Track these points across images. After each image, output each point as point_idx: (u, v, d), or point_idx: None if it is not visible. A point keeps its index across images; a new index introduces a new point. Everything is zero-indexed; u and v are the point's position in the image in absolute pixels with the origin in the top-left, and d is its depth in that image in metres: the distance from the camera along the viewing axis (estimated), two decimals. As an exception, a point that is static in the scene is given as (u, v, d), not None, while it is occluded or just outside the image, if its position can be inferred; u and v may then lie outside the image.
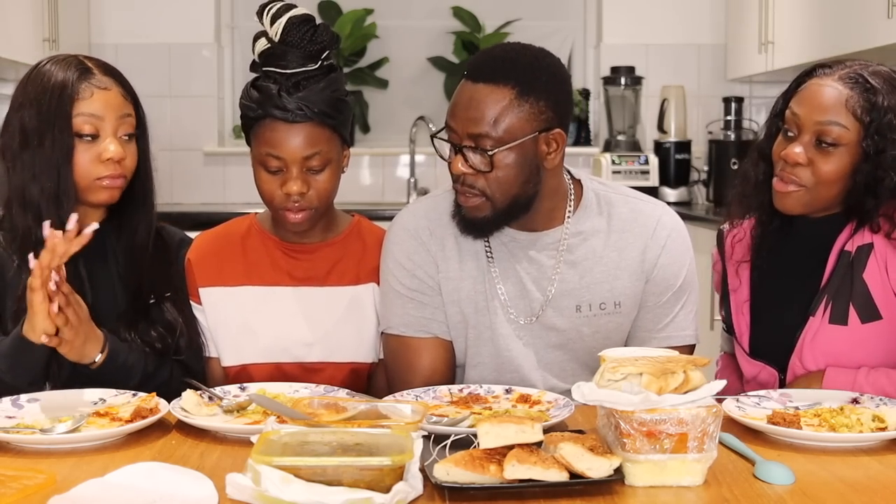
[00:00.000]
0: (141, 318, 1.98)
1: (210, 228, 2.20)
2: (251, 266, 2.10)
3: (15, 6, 3.98)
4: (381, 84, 5.19)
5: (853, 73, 1.88)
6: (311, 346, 2.07)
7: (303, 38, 1.97)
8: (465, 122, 1.85)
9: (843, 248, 1.91)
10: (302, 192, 1.97)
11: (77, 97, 1.91)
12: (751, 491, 1.40)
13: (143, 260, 2.01)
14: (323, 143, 1.97)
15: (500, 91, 1.83)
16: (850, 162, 1.86)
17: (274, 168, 1.97)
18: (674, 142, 4.89)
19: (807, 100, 1.89)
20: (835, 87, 1.87)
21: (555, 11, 5.21)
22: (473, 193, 1.88)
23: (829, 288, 1.90)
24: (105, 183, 1.92)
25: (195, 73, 4.97)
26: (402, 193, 5.09)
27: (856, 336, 1.88)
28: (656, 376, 1.43)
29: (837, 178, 1.87)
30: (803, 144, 1.88)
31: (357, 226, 2.15)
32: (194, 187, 4.98)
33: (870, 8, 3.50)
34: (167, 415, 1.70)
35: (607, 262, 1.97)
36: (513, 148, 1.84)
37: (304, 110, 1.94)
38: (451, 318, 2.00)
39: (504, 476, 1.36)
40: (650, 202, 2.04)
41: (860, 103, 1.85)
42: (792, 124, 1.91)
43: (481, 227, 1.92)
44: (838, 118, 1.85)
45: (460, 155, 1.87)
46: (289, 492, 1.29)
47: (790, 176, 1.89)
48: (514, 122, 1.83)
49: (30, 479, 1.42)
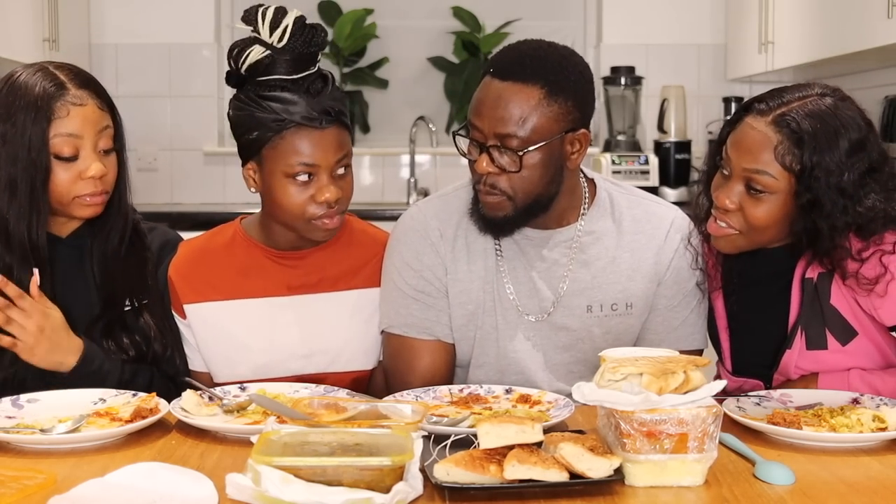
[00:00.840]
0: (115, 324, 1.95)
1: (195, 236, 2.12)
2: (238, 278, 2.03)
3: (15, 6, 3.97)
4: (381, 84, 5.19)
5: (787, 117, 1.76)
6: (308, 357, 2.02)
7: (305, 42, 1.91)
8: (493, 121, 1.81)
9: (805, 276, 1.87)
10: (338, 198, 1.92)
11: (53, 117, 1.84)
12: (751, 491, 1.40)
13: (117, 265, 1.97)
14: (348, 143, 1.94)
15: (529, 90, 1.80)
16: (781, 208, 1.79)
17: (304, 179, 1.90)
18: (674, 142, 4.88)
19: (738, 143, 1.81)
20: (764, 133, 1.77)
21: (555, 11, 5.21)
22: (495, 193, 1.85)
23: (801, 319, 1.87)
24: (87, 200, 1.89)
25: (195, 73, 4.97)
26: (402, 193, 5.08)
27: (838, 356, 1.87)
28: (656, 376, 1.43)
29: (769, 224, 1.81)
30: (732, 191, 1.82)
31: (348, 227, 2.08)
32: (194, 187, 4.98)
33: (870, 8, 3.50)
34: (167, 415, 1.70)
35: (620, 262, 1.97)
36: (540, 148, 1.82)
37: (330, 114, 1.89)
38: (457, 319, 1.99)
39: (504, 476, 1.36)
40: (663, 205, 2.04)
41: (790, 151, 1.75)
42: (726, 165, 1.84)
43: (501, 226, 1.90)
44: (766, 167, 1.77)
45: (486, 154, 1.83)
46: (289, 492, 1.29)
47: (723, 218, 1.84)
48: (542, 122, 1.81)
49: (30, 479, 1.42)
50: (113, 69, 4.90)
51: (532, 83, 1.80)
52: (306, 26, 1.93)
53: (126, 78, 4.91)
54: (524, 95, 1.80)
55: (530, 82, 1.80)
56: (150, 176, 4.92)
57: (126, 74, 4.92)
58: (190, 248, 2.08)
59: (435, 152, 5.11)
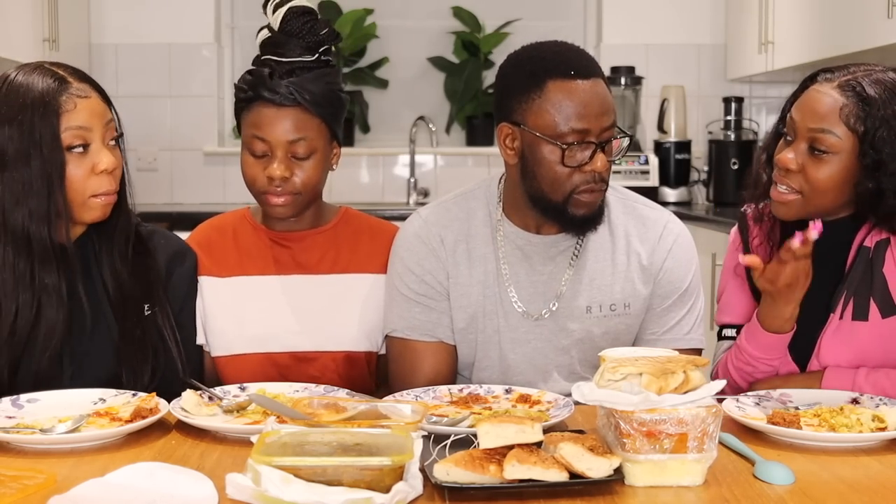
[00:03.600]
0: (134, 333, 1.90)
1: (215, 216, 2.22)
2: (242, 256, 2.11)
3: (15, 6, 3.98)
4: (381, 84, 5.19)
5: (852, 81, 1.84)
6: (301, 334, 2.07)
7: (302, 29, 1.99)
8: (609, 115, 1.88)
9: (862, 244, 1.91)
10: (285, 177, 1.97)
11: (62, 111, 1.80)
12: (751, 491, 1.40)
13: (127, 272, 1.93)
14: (310, 130, 1.98)
15: (603, 83, 1.90)
16: (844, 171, 1.84)
17: (259, 152, 1.99)
18: (674, 142, 4.89)
19: (804, 106, 1.88)
20: (831, 95, 1.84)
21: (555, 11, 5.21)
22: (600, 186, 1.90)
23: (850, 284, 1.90)
24: (101, 200, 1.84)
25: (195, 73, 4.98)
26: (401, 193, 5.09)
27: (876, 331, 1.88)
28: (656, 376, 1.43)
29: (831, 187, 1.85)
30: (796, 151, 1.87)
31: (345, 215, 2.16)
32: (194, 187, 4.99)
33: (870, 8, 3.50)
34: (167, 415, 1.70)
35: (617, 265, 1.99)
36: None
37: (293, 95, 1.96)
38: (458, 322, 2.01)
39: (504, 476, 1.36)
40: (657, 209, 2.08)
41: (854, 113, 1.82)
42: (790, 129, 1.90)
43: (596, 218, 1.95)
44: (831, 127, 1.83)
45: (600, 151, 1.88)
46: (289, 492, 1.29)
47: (784, 180, 1.88)
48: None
49: (30, 479, 1.42)
50: (113, 69, 4.91)
51: (601, 77, 1.90)
52: (306, 15, 2.01)
53: (126, 78, 4.91)
54: (605, 87, 1.90)
55: (600, 76, 1.90)
56: (150, 176, 4.93)
57: (126, 74, 4.93)
58: (203, 227, 2.18)
59: (435, 152, 5.11)
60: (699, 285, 2.06)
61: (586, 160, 1.86)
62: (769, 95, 5.09)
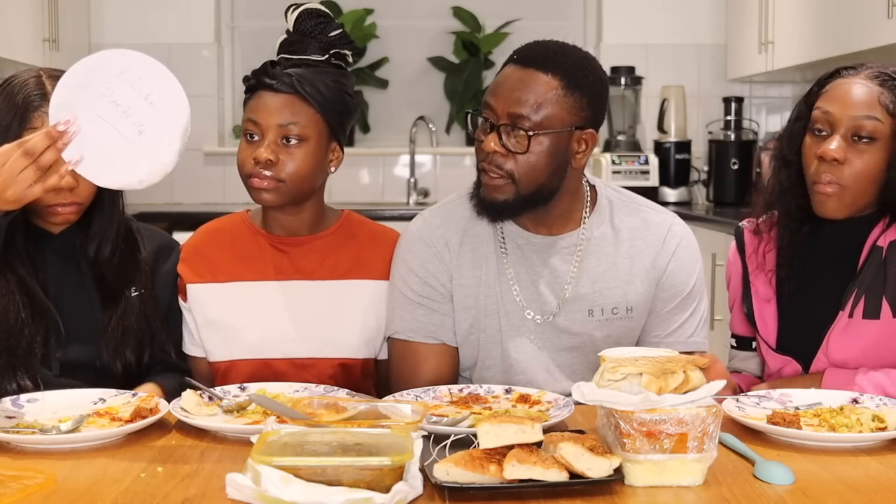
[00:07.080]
0: (118, 319, 1.95)
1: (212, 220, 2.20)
2: (239, 261, 2.09)
3: (15, 6, 3.98)
4: (381, 84, 5.19)
5: (878, 72, 1.91)
6: (299, 341, 2.05)
7: (314, 29, 2.01)
8: (509, 101, 1.86)
9: (876, 244, 1.92)
10: (269, 160, 1.96)
11: (27, 126, 1.84)
12: (751, 491, 1.40)
13: (110, 269, 1.97)
14: (303, 117, 1.98)
15: (549, 79, 1.86)
16: (885, 157, 1.87)
17: (251, 135, 1.99)
18: (674, 142, 4.89)
19: (838, 97, 1.90)
20: (864, 84, 1.89)
21: (555, 11, 5.21)
22: (499, 174, 1.88)
23: (861, 282, 1.91)
24: (57, 210, 1.89)
25: (195, 73, 4.97)
26: (401, 193, 5.09)
27: (887, 329, 1.89)
28: (656, 376, 1.43)
29: (874, 174, 1.88)
30: (836, 142, 1.89)
31: (347, 220, 2.14)
32: (194, 187, 4.98)
33: (870, 8, 3.50)
34: (167, 415, 1.70)
35: (620, 268, 1.99)
36: (549, 135, 1.86)
37: (293, 83, 1.97)
38: (461, 324, 2.00)
39: (504, 476, 1.36)
40: (661, 211, 2.07)
41: (891, 98, 1.87)
42: (824, 123, 1.91)
43: (500, 210, 1.92)
44: (873, 112, 1.87)
45: (495, 133, 1.87)
46: (289, 492, 1.29)
47: (827, 175, 1.89)
48: (555, 111, 1.86)
49: (30, 479, 1.42)
50: (113, 69, 4.90)
51: (553, 73, 1.86)
52: (319, 16, 2.03)
53: (126, 78, 4.90)
54: (543, 83, 1.86)
55: (551, 72, 1.86)
56: (150, 176, 4.92)
57: (126, 74, 4.92)
58: (201, 232, 2.16)
59: (435, 152, 5.11)
60: (703, 288, 2.06)
61: (482, 137, 1.89)
62: (769, 95, 5.09)
